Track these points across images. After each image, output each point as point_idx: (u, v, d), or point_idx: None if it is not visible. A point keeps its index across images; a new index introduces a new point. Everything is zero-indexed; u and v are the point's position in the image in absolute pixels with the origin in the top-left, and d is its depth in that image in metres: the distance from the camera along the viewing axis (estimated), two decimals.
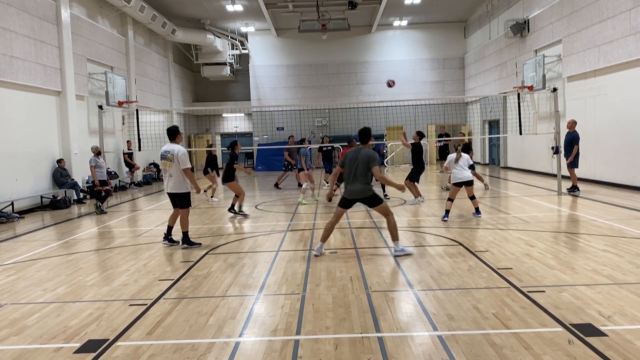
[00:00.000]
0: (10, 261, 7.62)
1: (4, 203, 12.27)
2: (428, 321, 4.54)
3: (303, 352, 3.99)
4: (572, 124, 13.34)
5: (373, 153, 7.27)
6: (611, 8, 14.03)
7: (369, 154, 7.24)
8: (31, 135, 13.89)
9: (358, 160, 7.19)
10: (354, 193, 7.22)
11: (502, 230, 8.61)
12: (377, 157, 7.21)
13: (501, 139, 23.25)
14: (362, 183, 7.18)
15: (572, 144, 13.16)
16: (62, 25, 15.35)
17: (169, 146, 7.99)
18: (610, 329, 4.20)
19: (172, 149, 7.90)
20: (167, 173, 7.97)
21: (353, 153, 7.33)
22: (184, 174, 7.91)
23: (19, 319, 4.97)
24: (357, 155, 7.24)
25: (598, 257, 6.57)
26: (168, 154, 7.89)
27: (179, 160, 7.83)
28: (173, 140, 8.05)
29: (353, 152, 7.36)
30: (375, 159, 7.17)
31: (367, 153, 7.25)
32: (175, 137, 8.06)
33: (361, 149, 7.34)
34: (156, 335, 4.44)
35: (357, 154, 7.26)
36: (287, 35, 28.57)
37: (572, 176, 13.24)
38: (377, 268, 6.43)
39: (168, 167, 7.92)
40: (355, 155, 7.26)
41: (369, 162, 7.12)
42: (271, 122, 28.58)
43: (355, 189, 7.20)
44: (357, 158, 7.21)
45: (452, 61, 28.89)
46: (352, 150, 7.41)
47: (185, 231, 8.09)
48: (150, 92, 23.71)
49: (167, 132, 8.15)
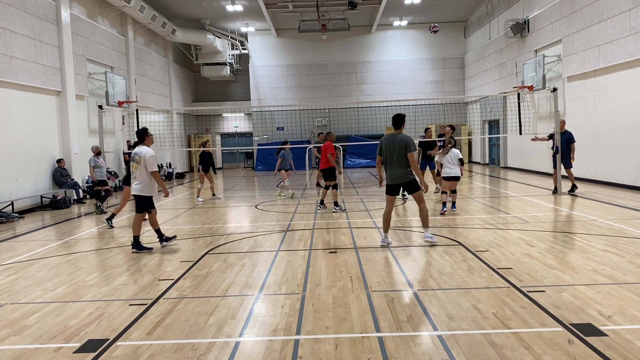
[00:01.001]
0: (10, 261, 7.62)
1: (4, 203, 12.27)
2: (428, 321, 4.54)
3: (303, 352, 3.99)
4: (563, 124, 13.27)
5: (408, 138, 7.44)
6: (611, 8, 14.03)
7: (405, 139, 7.41)
8: (31, 135, 13.90)
9: (395, 146, 7.38)
10: (395, 178, 7.51)
11: (502, 230, 8.61)
12: (413, 143, 7.46)
13: (501, 139, 23.25)
14: (401, 168, 7.41)
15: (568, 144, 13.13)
16: (62, 25, 15.35)
17: (138, 148, 7.97)
18: (610, 329, 4.20)
19: (140, 151, 7.87)
20: (134, 175, 7.93)
21: (388, 139, 7.52)
22: (150, 177, 7.83)
23: (19, 319, 4.97)
24: (393, 141, 7.42)
25: (598, 257, 6.57)
26: (136, 156, 7.86)
27: (145, 163, 7.77)
28: (142, 142, 8.01)
29: (388, 138, 7.55)
30: (411, 145, 7.37)
31: (402, 139, 7.42)
32: (144, 139, 8.01)
33: (396, 135, 7.51)
34: (156, 335, 4.44)
35: (392, 140, 7.44)
36: (287, 35, 28.57)
37: (570, 176, 13.24)
38: (377, 268, 6.43)
39: (135, 169, 7.88)
40: (391, 142, 7.45)
41: (405, 147, 7.34)
42: (271, 122, 28.59)
43: (396, 173, 7.47)
44: (394, 144, 7.40)
45: (452, 61, 28.90)
46: (388, 137, 7.59)
47: (137, 235, 7.92)
48: (150, 92, 23.71)
49: (136, 134, 8.11)
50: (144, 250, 7.90)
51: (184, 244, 8.40)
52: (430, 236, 7.61)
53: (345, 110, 28.74)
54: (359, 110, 28.54)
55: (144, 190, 7.89)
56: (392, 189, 7.63)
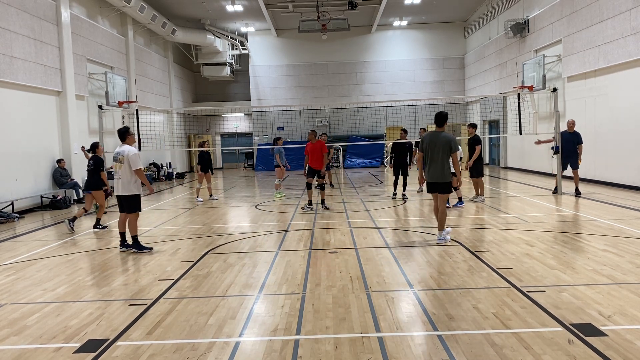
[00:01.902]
0: (10, 261, 7.62)
1: (4, 203, 12.27)
2: (428, 321, 4.54)
3: (303, 352, 3.99)
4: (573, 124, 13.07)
5: (452, 137, 7.43)
6: (611, 8, 14.03)
7: (449, 138, 7.36)
8: (31, 135, 13.90)
9: (437, 145, 7.32)
10: (433, 176, 7.50)
11: (502, 230, 8.61)
12: (457, 142, 7.44)
13: (501, 139, 23.25)
14: (442, 167, 7.39)
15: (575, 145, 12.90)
16: (62, 25, 15.35)
17: (120, 147, 7.95)
18: (610, 329, 4.20)
19: (122, 150, 7.86)
20: (117, 175, 7.89)
21: (431, 137, 7.43)
22: (134, 176, 7.83)
23: (19, 319, 4.97)
24: (437, 139, 7.34)
25: (598, 257, 6.57)
26: (119, 155, 7.85)
27: (129, 161, 7.76)
28: (124, 141, 7.99)
29: (431, 135, 7.45)
30: (456, 144, 7.36)
31: (446, 137, 7.36)
32: (126, 138, 8.00)
33: (440, 133, 7.42)
34: (156, 335, 4.44)
35: (435, 138, 7.36)
36: (287, 35, 28.57)
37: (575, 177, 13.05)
38: (377, 268, 6.43)
39: (118, 169, 7.85)
40: (434, 140, 7.37)
41: (450, 147, 7.33)
42: (271, 122, 28.59)
43: (435, 172, 7.44)
44: (437, 142, 7.34)
45: (452, 61, 28.90)
46: (430, 134, 7.49)
47: (135, 235, 7.94)
48: (150, 92, 23.71)
49: (118, 134, 8.09)
50: (144, 250, 7.90)
51: (184, 244, 8.40)
52: (443, 238, 7.68)
53: (345, 110, 28.74)
54: (359, 110, 28.54)
55: (131, 189, 7.88)
56: (432, 186, 7.65)
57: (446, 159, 7.44)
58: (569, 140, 13.00)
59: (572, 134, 13.01)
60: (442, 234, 7.72)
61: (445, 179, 7.49)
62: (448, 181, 7.52)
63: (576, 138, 12.97)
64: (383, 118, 27.47)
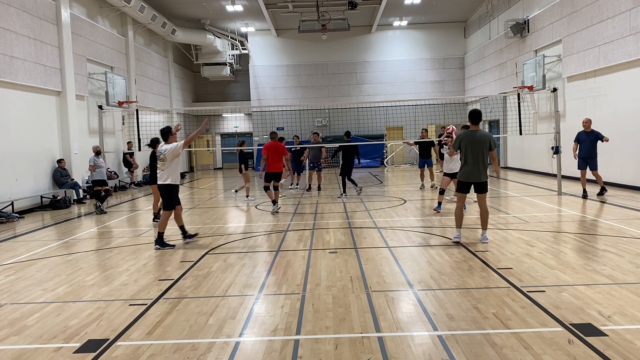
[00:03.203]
0: (10, 261, 7.62)
1: (4, 203, 12.27)
2: (428, 321, 4.54)
3: (303, 352, 3.99)
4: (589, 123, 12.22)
5: (491, 136, 7.39)
6: (611, 8, 14.03)
7: (488, 136, 7.34)
8: (31, 135, 13.89)
9: (476, 144, 7.27)
10: (471, 176, 7.39)
11: (502, 230, 8.61)
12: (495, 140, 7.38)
13: (501, 139, 23.25)
14: (480, 166, 7.32)
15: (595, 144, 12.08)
16: (62, 25, 15.35)
17: (162, 146, 8.38)
18: (610, 329, 4.20)
19: (165, 148, 8.27)
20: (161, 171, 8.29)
21: (469, 136, 7.37)
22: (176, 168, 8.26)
23: (19, 319, 4.97)
24: (474, 138, 7.30)
25: (598, 257, 6.57)
26: (161, 154, 8.27)
27: (173, 153, 8.16)
28: (166, 141, 8.40)
29: (468, 135, 7.39)
30: (494, 142, 7.34)
31: (485, 135, 7.33)
32: (168, 138, 8.38)
33: (477, 132, 7.37)
34: (156, 335, 4.44)
35: (473, 137, 7.32)
36: (287, 35, 28.57)
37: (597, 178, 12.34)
38: (377, 268, 6.43)
39: (162, 166, 8.26)
40: (471, 138, 7.31)
41: (490, 145, 7.30)
42: (271, 122, 28.58)
43: (473, 171, 7.35)
44: (475, 141, 7.28)
45: (452, 61, 28.90)
46: (467, 133, 7.42)
47: (162, 232, 8.20)
48: (150, 92, 23.71)
49: (160, 133, 8.55)
50: (167, 247, 8.08)
51: (184, 244, 8.40)
52: (487, 237, 7.66)
53: (345, 110, 28.74)
54: (359, 110, 28.54)
55: (172, 179, 8.27)
56: (467, 186, 7.55)
57: (485, 159, 7.39)
58: (585, 139, 12.14)
59: (589, 132, 12.12)
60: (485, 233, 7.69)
61: (482, 179, 7.42)
62: (486, 180, 7.47)
63: (594, 136, 12.10)
64: (383, 118, 27.47)
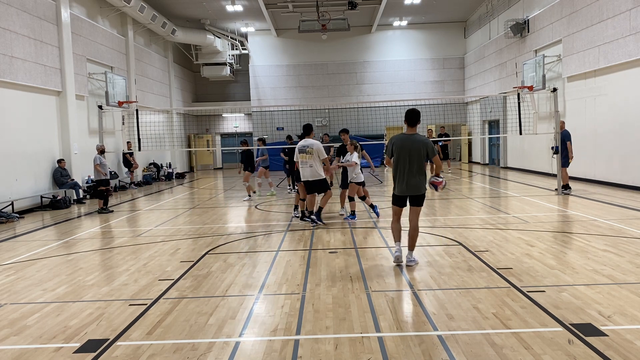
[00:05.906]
0: (10, 261, 7.62)
1: (4, 203, 12.27)
2: (428, 321, 4.54)
3: (303, 352, 3.99)
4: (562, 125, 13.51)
5: (429, 141, 6.27)
6: (611, 8, 14.03)
7: (425, 142, 6.22)
8: (31, 135, 13.89)
9: (412, 150, 6.20)
10: (409, 188, 6.30)
11: (502, 230, 8.61)
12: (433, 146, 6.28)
13: (501, 139, 23.25)
14: (418, 177, 6.26)
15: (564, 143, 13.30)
16: (62, 25, 15.35)
17: (305, 141, 9.42)
18: (610, 329, 4.20)
19: (310, 143, 9.33)
20: (307, 164, 9.33)
21: (402, 140, 6.28)
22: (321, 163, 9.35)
23: (19, 319, 4.97)
24: (410, 143, 6.22)
25: (598, 257, 6.57)
26: (306, 148, 9.30)
27: (318, 152, 9.29)
28: (308, 135, 9.50)
29: (402, 139, 6.30)
30: (432, 150, 6.24)
31: (422, 141, 6.23)
32: (310, 132, 9.53)
33: (413, 136, 6.27)
34: (156, 335, 4.44)
35: (408, 141, 6.23)
36: (287, 35, 28.57)
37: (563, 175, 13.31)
38: (377, 268, 6.42)
39: (307, 159, 9.28)
40: (406, 144, 6.22)
41: (427, 152, 6.23)
42: (271, 122, 28.58)
43: (412, 183, 6.27)
44: (410, 147, 6.21)
45: (452, 61, 28.90)
46: (401, 137, 6.33)
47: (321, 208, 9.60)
48: (150, 92, 23.71)
49: (303, 128, 9.58)
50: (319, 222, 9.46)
51: (184, 244, 8.40)
52: (414, 259, 6.49)
53: (345, 110, 28.73)
54: (359, 110, 28.53)
55: (320, 174, 9.38)
56: (402, 200, 6.44)
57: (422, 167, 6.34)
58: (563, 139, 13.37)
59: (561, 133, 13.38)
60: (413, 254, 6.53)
61: (420, 191, 6.33)
62: (424, 192, 6.39)
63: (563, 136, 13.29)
64: (383, 118, 27.43)
